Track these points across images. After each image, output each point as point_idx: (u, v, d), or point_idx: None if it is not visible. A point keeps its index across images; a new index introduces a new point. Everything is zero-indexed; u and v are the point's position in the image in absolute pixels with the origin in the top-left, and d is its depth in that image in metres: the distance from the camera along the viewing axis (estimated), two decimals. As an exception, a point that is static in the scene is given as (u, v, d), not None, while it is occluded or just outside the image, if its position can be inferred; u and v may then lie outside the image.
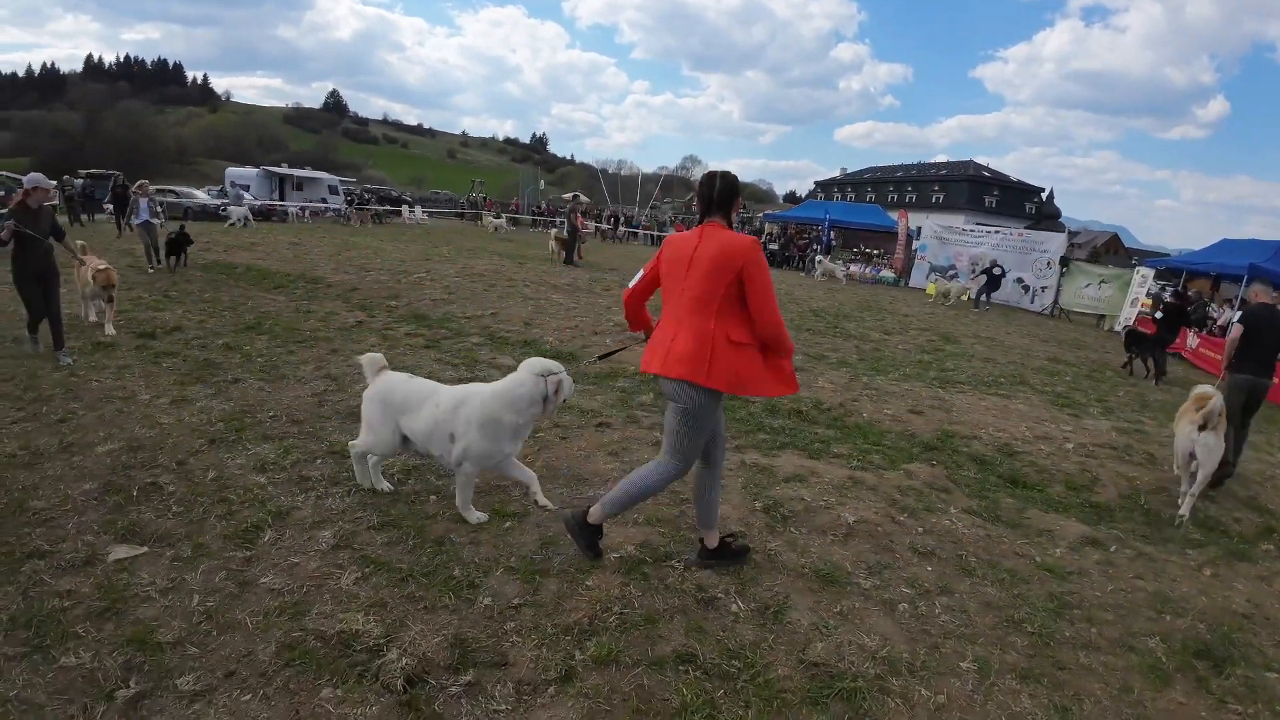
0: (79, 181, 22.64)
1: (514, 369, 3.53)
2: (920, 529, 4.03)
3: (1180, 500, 4.81)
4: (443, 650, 2.53)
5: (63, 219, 20.29)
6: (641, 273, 3.21)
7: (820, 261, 22.96)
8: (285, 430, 4.71)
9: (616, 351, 4.61)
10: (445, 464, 3.61)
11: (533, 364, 3.48)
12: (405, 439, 3.65)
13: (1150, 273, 17.98)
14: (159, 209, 13.03)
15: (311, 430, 4.74)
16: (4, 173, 30.16)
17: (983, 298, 18.14)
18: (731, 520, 3.81)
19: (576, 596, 2.95)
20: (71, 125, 74.69)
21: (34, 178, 5.96)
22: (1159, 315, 11.81)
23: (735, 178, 3.06)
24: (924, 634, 3.01)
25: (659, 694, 2.43)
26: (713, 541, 3.30)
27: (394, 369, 3.91)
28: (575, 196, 18.72)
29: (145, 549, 3.12)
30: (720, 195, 2.96)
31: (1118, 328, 16.30)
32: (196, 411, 4.92)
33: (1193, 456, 4.78)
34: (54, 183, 6.07)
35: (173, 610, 2.70)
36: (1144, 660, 2.95)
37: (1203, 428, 4.76)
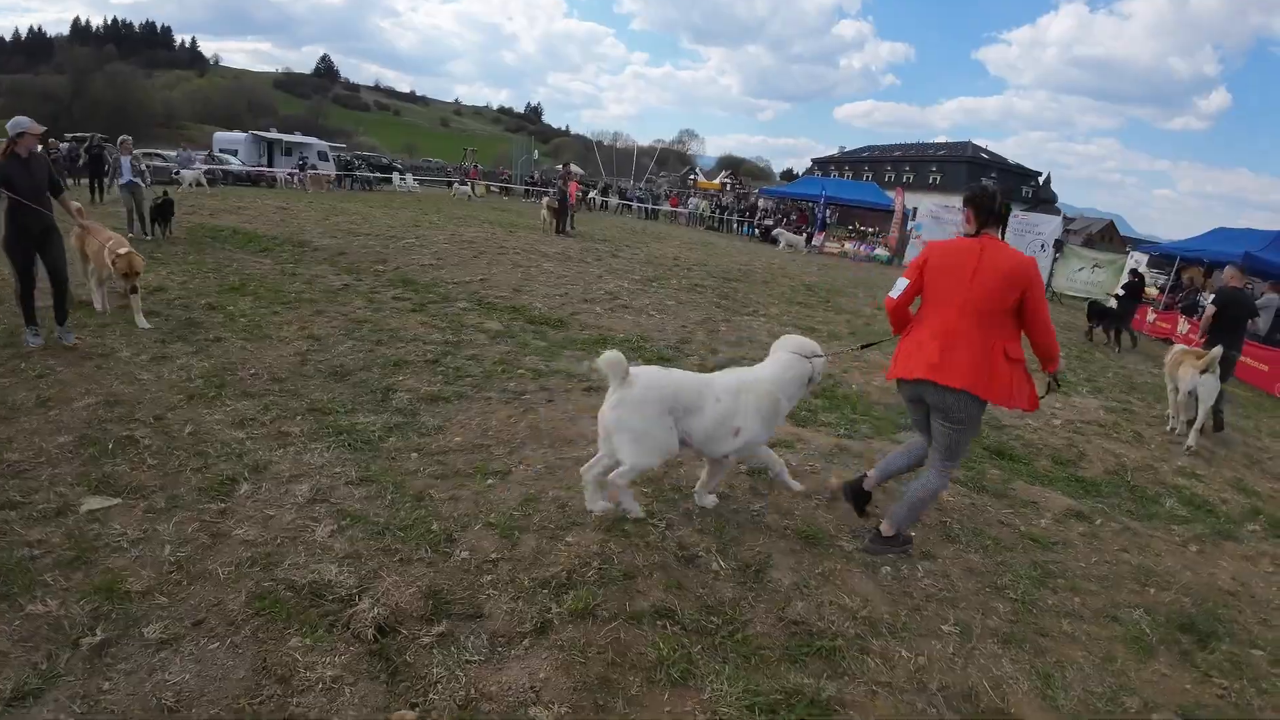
0: (64, 145, 21.85)
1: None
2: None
3: (1189, 435, 5.88)
4: (416, 601, 2.49)
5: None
6: (905, 283, 3.22)
7: (781, 234, 24.47)
8: (266, 388, 4.63)
9: (875, 344, 4.35)
10: (707, 454, 3.30)
11: (793, 343, 3.42)
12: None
13: (1144, 258, 17.99)
14: (144, 169, 12.00)
15: (293, 388, 4.66)
16: None
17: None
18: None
19: (555, 552, 2.91)
20: (59, 89, 72.92)
21: (19, 121, 5.12)
22: (1120, 292, 12.90)
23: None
24: (905, 596, 3.00)
25: (635, 647, 2.41)
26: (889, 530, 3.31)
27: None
28: (566, 165, 18.44)
29: (118, 500, 3.06)
30: (1001, 208, 3.04)
31: None
32: (176, 369, 4.82)
33: (1193, 395, 5.92)
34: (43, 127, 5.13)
35: (143, 560, 2.64)
36: (1128, 631, 2.95)
37: (1204, 371, 5.89)
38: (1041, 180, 62.65)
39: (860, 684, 2.40)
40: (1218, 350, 5.93)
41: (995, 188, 3.14)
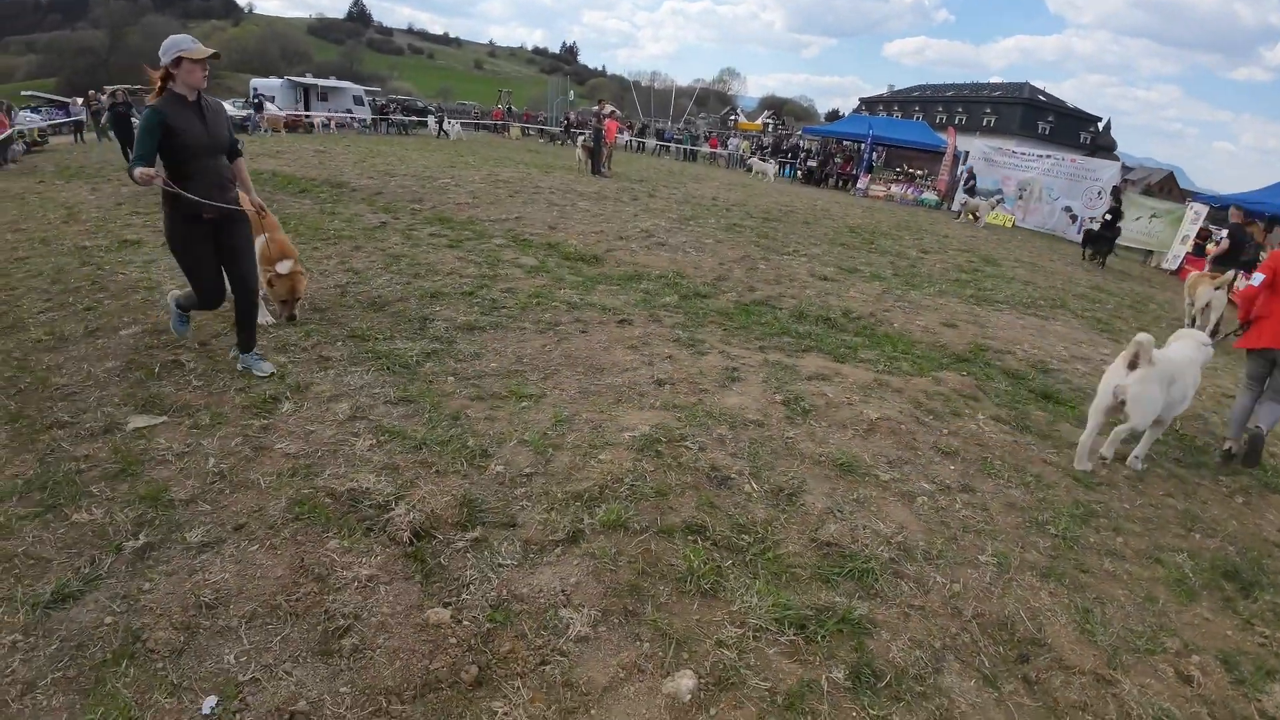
0: (104, 98, 20.50)
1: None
2: (945, 430, 3.92)
3: (1212, 330, 7.16)
4: (451, 509, 2.53)
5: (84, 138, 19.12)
6: (1262, 277, 4.15)
7: (753, 161, 24.55)
8: (307, 316, 4.70)
9: (1241, 329, 4.58)
10: (1163, 417, 3.83)
11: (1198, 335, 4.16)
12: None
13: (1204, 210, 16.85)
14: None
15: (333, 317, 4.73)
16: (34, 92, 30.00)
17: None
18: (749, 410, 3.74)
19: (588, 468, 2.93)
20: (95, 43, 73.46)
21: (176, 41, 3.20)
22: (1108, 216, 14.50)
23: None
24: (942, 526, 2.94)
25: (665, 559, 2.42)
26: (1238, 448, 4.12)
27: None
28: (601, 103, 17.97)
29: (164, 418, 3.15)
30: None
31: (1166, 264, 15.44)
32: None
33: (1209, 307, 7.95)
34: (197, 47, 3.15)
35: (187, 471, 2.73)
36: (1170, 574, 2.86)
37: (1217, 289, 7.83)
38: (1101, 126, 59.02)
39: (893, 606, 2.38)
40: (1230, 274, 7.83)
41: None
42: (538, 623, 2.10)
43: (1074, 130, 57.04)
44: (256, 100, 25.69)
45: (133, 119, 12.89)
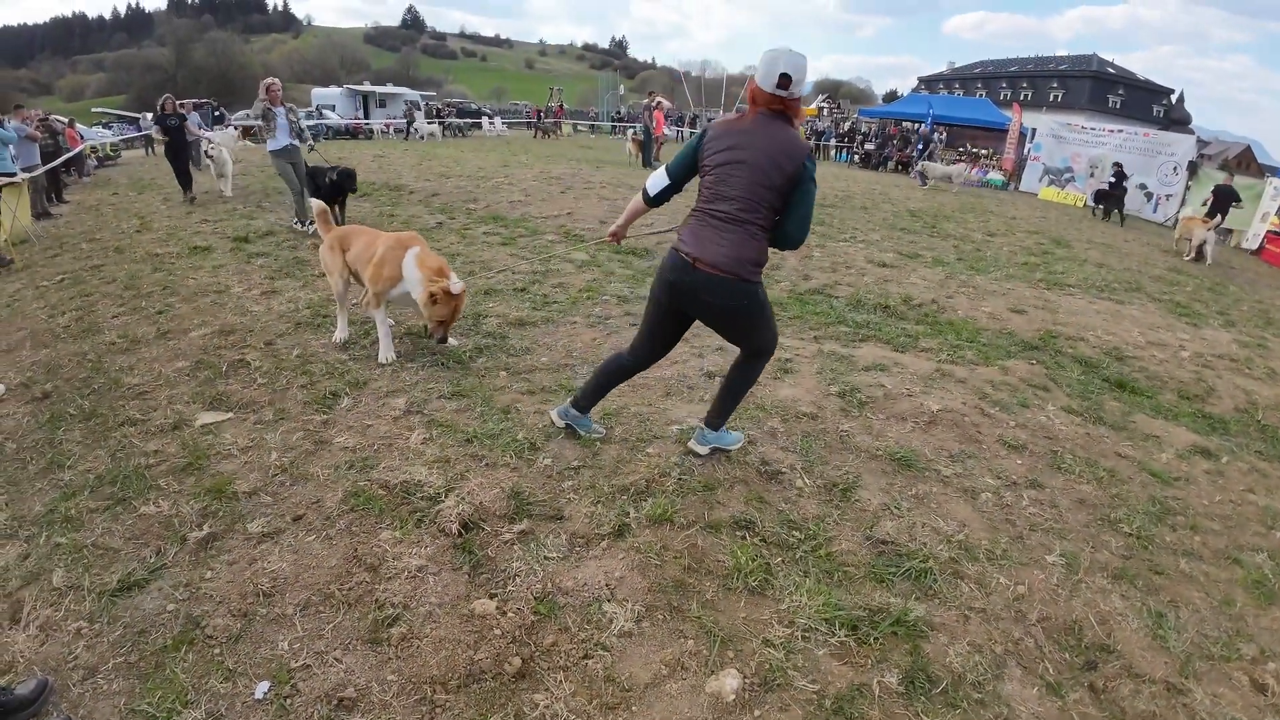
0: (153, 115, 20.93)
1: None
2: (1012, 423, 3.72)
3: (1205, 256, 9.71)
4: (500, 501, 2.56)
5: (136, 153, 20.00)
6: None
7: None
8: (367, 316, 4.84)
9: None
10: None
11: None
12: None
13: (1284, 184, 15.49)
14: (302, 125, 8.03)
15: (391, 315, 4.85)
16: (104, 108, 31.74)
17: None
18: (803, 403, 3.64)
19: (635, 462, 2.91)
20: (162, 59, 77.40)
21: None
22: (1112, 180, 15.91)
23: None
24: (1007, 524, 2.80)
25: (713, 554, 2.38)
26: None
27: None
28: (651, 94, 17.86)
29: (230, 415, 3.30)
30: None
31: (1246, 244, 14.31)
32: (285, 301, 5.12)
33: (1204, 245, 10.65)
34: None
35: (251, 465, 2.85)
36: (1249, 575, 2.66)
37: (1210, 229, 10.62)
38: (1174, 98, 55.08)
39: (952, 607, 2.27)
40: (1220, 219, 11.06)
41: None
42: (581, 616, 2.09)
43: (1146, 103, 53.47)
44: (219, 113, 21.91)
45: (201, 133, 12.22)
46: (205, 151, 10.34)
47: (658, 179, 2.76)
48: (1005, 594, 2.37)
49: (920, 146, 22.62)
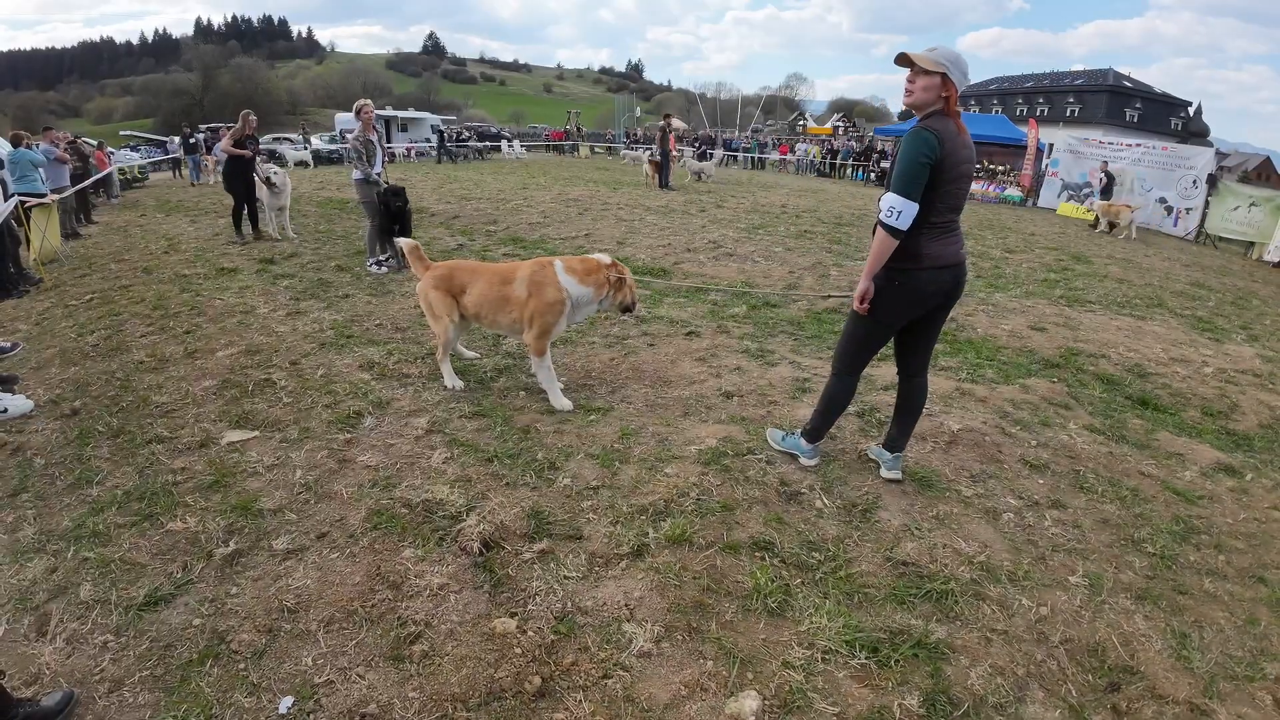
0: (200, 137, 20.27)
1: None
2: (1034, 442, 3.69)
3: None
4: (520, 520, 2.59)
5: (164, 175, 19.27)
6: None
7: (688, 162, 22.53)
8: (389, 336, 4.94)
9: None
10: None
11: None
12: None
13: (1308, 197, 15.23)
14: (380, 146, 7.36)
15: (413, 336, 4.95)
16: (133, 131, 32.65)
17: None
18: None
19: (654, 482, 2.93)
20: (189, 84, 79.52)
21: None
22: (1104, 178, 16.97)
23: None
24: (1030, 545, 2.77)
25: (731, 575, 2.38)
26: None
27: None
28: (667, 117, 18.07)
29: (256, 433, 3.37)
30: None
31: (1268, 256, 14.09)
32: (310, 322, 5.23)
33: (1130, 225, 14.22)
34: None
35: (276, 483, 2.91)
36: (1274, 593, 2.60)
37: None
38: (1192, 110, 54.57)
39: (974, 630, 2.25)
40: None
41: None
42: (601, 636, 2.10)
43: (1163, 116, 53.05)
44: (194, 139, 19.73)
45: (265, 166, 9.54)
46: (268, 178, 8.75)
47: (907, 210, 2.58)
48: (1027, 615, 2.34)
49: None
